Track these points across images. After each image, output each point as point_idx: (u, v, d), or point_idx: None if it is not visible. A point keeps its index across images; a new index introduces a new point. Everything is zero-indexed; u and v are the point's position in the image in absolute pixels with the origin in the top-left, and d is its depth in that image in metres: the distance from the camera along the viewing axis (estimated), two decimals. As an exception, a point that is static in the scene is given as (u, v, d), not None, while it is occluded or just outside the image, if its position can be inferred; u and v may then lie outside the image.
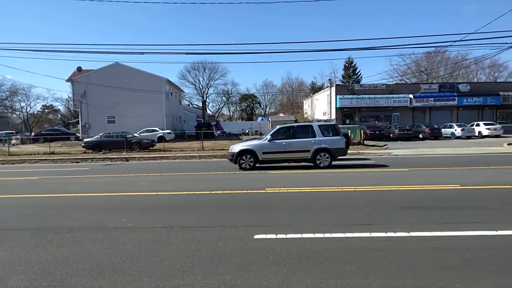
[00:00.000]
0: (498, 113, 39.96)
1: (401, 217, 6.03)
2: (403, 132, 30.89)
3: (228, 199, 7.90)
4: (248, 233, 5.32)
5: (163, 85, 39.31)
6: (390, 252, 4.42)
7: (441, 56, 62.25)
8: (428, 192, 8.21)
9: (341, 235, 5.13)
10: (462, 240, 4.80)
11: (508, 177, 10.03)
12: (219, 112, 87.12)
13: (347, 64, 66.66)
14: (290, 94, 76.54)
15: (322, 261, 4.20)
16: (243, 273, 3.90)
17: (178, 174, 12.76)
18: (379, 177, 10.67)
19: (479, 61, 55.26)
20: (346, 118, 39.48)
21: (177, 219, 6.23)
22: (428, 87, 39.65)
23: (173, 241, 5.05)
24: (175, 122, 45.04)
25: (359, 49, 32.97)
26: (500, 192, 8.04)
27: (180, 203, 7.70)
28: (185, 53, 19.84)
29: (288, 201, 7.60)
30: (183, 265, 4.19)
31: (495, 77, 65.93)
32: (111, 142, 25.16)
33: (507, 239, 4.82)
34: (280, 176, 11.67)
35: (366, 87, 40.11)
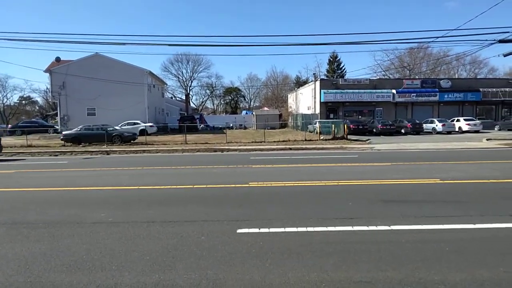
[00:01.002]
0: (478, 109, 40.97)
1: (382, 210, 6.10)
2: (386, 127, 31.34)
3: (211, 193, 7.84)
4: (231, 227, 5.29)
5: (145, 77, 38.66)
6: (372, 245, 4.46)
7: (423, 52, 63.31)
8: (409, 186, 8.35)
9: (324, 228, 5.16)
10: (441, 233, 4.90)
11: (486, 171, 10.30)
12: (203, 105, 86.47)
13: (331, 59, 67.01)
14: (274, 87, 76.53)
15: (305, 254, 4.21)
16: (226, 268, 3.87)
17: (160, 168, 12.60)
18: (362, 172, 10.79)
19: (460, 57, 56.53)
20: (330, 113, 39.75)
21: (159, 214, 6.14)
22: (410, 83, 40.28)
23: (155, 236, 4.98)
24: (157, 115, 44.46)
25: (344, 43, 33.17)
26: (479, 186, 8.24)
27: (162, 197, 7.59)
28: (168, 45, 19.54)
29: (272, 195, 7.59)
30: (165, 260, 4.13)
31: (476, 73, 67.60)
32: (91, 135, 24.63)
33: (484, 232, 4.94)
34: (263, 170, 11.66)
35: (350, 82, 40.42)
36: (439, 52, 62.48)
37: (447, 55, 58.51)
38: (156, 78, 45.80)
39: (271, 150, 19.43)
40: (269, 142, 23.59)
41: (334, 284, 3.47)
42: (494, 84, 41.00)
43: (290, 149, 19.85)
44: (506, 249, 4.27)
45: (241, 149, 19.89)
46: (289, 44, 24.34)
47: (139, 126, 32.45)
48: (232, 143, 23.71)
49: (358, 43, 25.80)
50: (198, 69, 79.25)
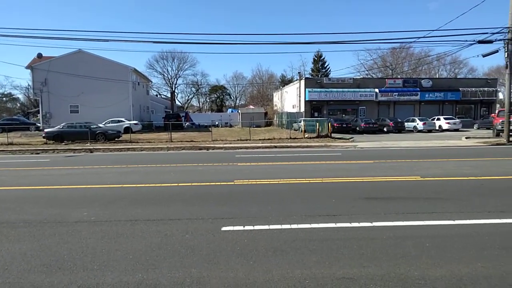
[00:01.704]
0: (458, 108, 42.01)
1: (365, 207, 6.20)
2: (369, 125, 31.81)
3: (196, 191, 7.81)
4: (215, 225, 5.29)
5: (130, 74, 38.13)
6: (354, 242, 4.54)
7: (405, 52, 64.46)
8: (391, 183, 8.50)
9: (308, 225, 5.21)
10: (422, 229, 5.01)
11: (465, 169, 10.57)
12: (188, 103, 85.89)
13: (316, 58, 67.52)
14: (260, 86, 76.59)
15: (289, 251, 4.25)
16: (210, 266, 3.88)
17: (145, 166, 12.48)
18: (345, 169, 10.93)
19: (441, 57, 57.81)
20: (315, 111, 40.07)
21: (143, 212, 6.09)
22: (393, 82, 40.96)
23: (138, 235, 4.94)
24: (142, 113, 43.95)
25: (328, 42, 33.26)
26: (458, 183, 8.46)
27: (146, 195, 7.52)
28: (153, 42, 19.23)
29: (256, 193, 7.62)
30: (148, 259, 4.10)
31: (456, 73, 69.24)
32: (74, 133, 24.18)
33: (463, 228, 5.08)
34: (248, 168, 11.68)
35: (334, 80, 40.84)
36: (420, 52, 63.79)
37: (428, 55, 59.74)
38: (141, 76, 45.23)
39: (256, 148, 19.47)
40: (254, 140, 23.63)
41: (317, 280, 3.52)
42: (473, 83, 42.10)
43: (275, 147, 19.93)
44: (484, 245, 4.40)
45: (226, 147, 19.86)
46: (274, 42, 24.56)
47: (123, 124, 31.99)
48: (217, 141, 23.65)
49: (342, 43, 26.20)
50: (183, 67, 78.62)
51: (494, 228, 5.03)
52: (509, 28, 19.70)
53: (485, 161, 12.54)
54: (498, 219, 5.41)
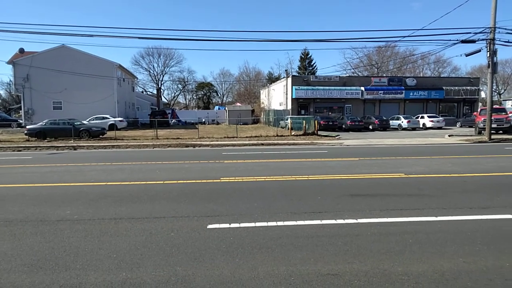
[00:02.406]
0: (441, 106, 42.80)
1: (350, 204, 6.26)
2: (355, 123, 32.10)
3: (182, 189, 7.76)
4: (201, 223, 5.26)
5: (115, 71, 37.57)
6: (339, 238, 4.58)
7: (390, 51, 65.24)
8: (376, 180, 8.61)
9: (293, 223, 5.23)
10: (405, 226, 5.09)
11: (447, 166, 10.77)
12: (174, 100, 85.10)
13: (303, 56, 67.75)
14: (247, 83, 76.49)
15: (275, 248, 4.26)
16: (195, 264, 3.86)
17: (130, 164, 12.32)
18: (331, 166, 11.01)
19: (425, 56, 58.75)
20: (302, 109, 40.24)
21: (127, 210, 6.01)
22: (378, 80, 41.43)
23: (122, 233, 4.88)
24: (127, 110, 43.39)
25: (315, 40, 33.27)
26: (440, 180, 8.62)
27: (131, 193, 7.42)
28: (138, 38, 18.93)
29: (243, 190, 7.61)
30: (132, 257, 4.05)
31: (439, 72, 70.51)
32: (57, 130, 23.70)
33: (445, 224, 5.18)
34: (235, 165, 11.66)
35: (320, 78, 41.06)
36: (405, 51, 64.78)
37: (413, 54, 60.65)
38: (126, 72, 44.61)
39: (243, 146, 19.45)
40: (241, 138, 23.60)
41: (302, 277, 3.54)
42: (456, 82, 42.94)
43: (262, 144, 19.94)
44: (465, 240, 4.50)
45: (213, 145, 19.78)
46: (261, 40, 24.55)
47: (108, 121, 31.51)
48: (204, 138, 23.53)
49: (329, 41, 26.26)
50: (169, 63, 77.87)
51: (475, 224, 5.15)
52: (491, 28, 20.13)
53: (467, 158, 12.80)
54: (479, 216, 5.53)
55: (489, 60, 20.63)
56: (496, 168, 10.30)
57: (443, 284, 3.37)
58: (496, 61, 21.14)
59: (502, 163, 11.32)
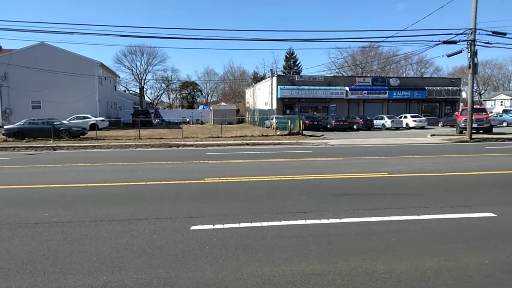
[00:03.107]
0: (424, 106, 43.63)
1: (334, 204, 6.29)
2: (339, 123, 32.40)
3: (165, 190, 7.64)
4: (184, 224, 5.19)
5: (96, 69, 36.87)
6: (323, 238, 4.58)
7: (374, 51, 66.20)
8: (360, 180, 8.68)
9: (278, 223, 5.21)
10: (388, 224, 5.13)
11: (430, 165, 10.96)
12: (158, 100, 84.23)
13: (288, 55, 67.96)
14: (232, 83, 76.32)
15: (259, 249, 4.23)
16: (178, 266, 3.79)
17: (112, 164, 12.10)
18: (316, 166, 11.06)
19: (408, 57, 59.84)
20: (287, 108, 40.37)
21: (108, 212, 5.88)
22: (362, 80, 41.94)
23: (103, 235, 4.76)
24: (109, 109, 42.68)
25: (300, 40, 33.55)
26: (423, 179, 8.75)
27: (112, 195, 7.27)
28: (121, 35, 18.65)
29: (227, 190, 7.55)
30: (113, 260, 3.96)
31: (422, 72, 71.95)
32: (36, 130, 23.08)
33: (427, 222, 5.25)
34: (219, 165, 11.59)
35: (305, 78, 41.28)
36: (389, 51, 65.82)
37: (396, 54, 61.71)
38: (108, 70, 43.87)
39: (228, 146, 19.36)
40: (226, 138, 23.50)
41: (286, 277, 3.52)
42: (438, 83, 43.86)
43: (247, 144, 19.90)
44: (447, 238, 4.56)
45: (197, 145, 19.62)
46: (246, 39, 24.45)
47: (89, 120, 30.91)
48: (188, 138, 23.33)
49: (314, 41, 26.40)
50: (153, 62, 77.03)
51: (456, 222, 5.23)
52: (472, 29, 20.61)
53: (449, 158, 13.06)
54: (460, 214, 5.62)
55: (470, 61, 21.11)
56: (477, 167, 10.53)
57: (424, 282, 3.40)
58: (477, 62, 21.67)
59: (482, 162, 11.58)
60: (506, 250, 4.16)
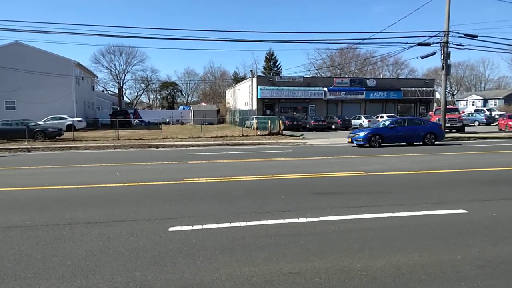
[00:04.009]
0: (399, 107, 44.62)
1: (313, 203, 6.36)
2: (318, 123, 32.77)
3: (143, 191, 7.54)
4: (162, 225, 5.14)
5: (73, 69, 35.96)
6: (301, 237, 4.63)
7: (352, 53, 67.30)
8: (337, 178, 8.81)
9: (257, 222, 5.23)
10: (364, 222, 5.24)
11: (404, 164, 11.24)
12: (137, 100, 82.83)
13: (268, 56, 68.18)
14: (212, 83, 75.92)
15: (237, 249, 4.24)
16: (155, 268, 3.75)
17: (89, 166, 11.83)
18: (295, 166, 11.15)
19: (384, 58, 61.14)
20: (267, 109, 40.49)
21: (84, 215, 5.75)
22: (340, 81, 42.52)
23: (78, 239, 4.66)
24: (87, 110, 41.71)
25: (280, 41, 34.04)
26: (398, 177, 8.97)
27: (88, 197, 7.12)
28: (98, 35, 18.25)
29: (206, 191, 7.52)
30: (88, 264, 3.88)
31: (398, 74, 73.58)
32: (10, 131, 22.33)
33: (402, 220, 5.38)
34: (199, 166, 11.53)
35: (285, 79, 41.52)
36: (366, 53, 67.05)
37: (373, 56, 63.00)
38: (85, 70, 42.85)
39: (208, 146, 19.27)
40: (206, 138, 23.37)
41: (264, 276, 3.54)
42: (413, 84, 44.95)
43: (227, 144, 19.86)
44: (420, 235, 4.69)
45: (177, 145, 19.44)
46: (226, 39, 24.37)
47: (65, 121, 30.10)
48: (168, 139, 23.08)
49: (293, 42, 26.74)
50: (132, 62, 75.63)
51: (429, 219, 5.38)
52: (445, 32, 21.24)
53: (422, 156, 13.41)
54: (433, 211, 5.80)
55: (443, 63, 21.76)
56: (449, 165, 10.86)
57: (399, 278, 3.49)
58: (450, 64, 22.36)
59: (455, 161, 11.96)
60: (476, 246, 4.31)
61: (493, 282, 3.38)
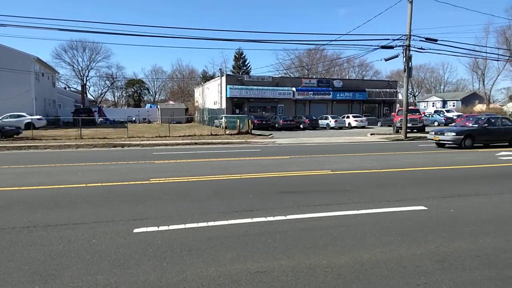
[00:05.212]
0: (364, 107, 46.03)
1: (280, 201, 6.42)
2: (287, 122, 33.16)
3: (107, 192, 7.31)
4: (127, 227, 5.00)
5: (32, 64, 34.25)
6: (269, 236, 4.66)
7: (320, 54, 68.61)
8: (305, 177, 8.95)
9: (225, 222, 5.21)
10: (330, 220, 5.35)
11: (368, 162, 11.59)
12: (102, 98, 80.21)
13: (237, 55, 68.22)
14: (181, 81, 74.81)
15: (204, 250, 4.20)
16: (118, 271, 3.64)
17: (49, 166, 11.31)
18: (264, 165, 11.21)
19: (350, 60, 62.69)
20: (236, 108, 40.46)
21: (43, 217, 5.50)
22: (308, 82, 43.27)
23: (37, 242, 4.44)
24: (47, 107, 39.89)
25: (249, 41, 34.15)
26: (362, 176, 9.24)
27: (48, 198, 6.80)
28: (59, 29, 17.37)
29: (173, 191, 7.41)
30: (47, 268, 3.71)
31: (363, 75, 75.76)
32: (-38, 129, 20.97)
33: (365, 217, 5.54)
34: (166, 166, 11.33)
35: (254, 78, 41.67)
36: (333, 54, 68.58)
37: (340, 57, 64.47)
38: (45, 66, 40.94)
39: (176, 145, 18.98)
40: (174, 137, 23.00)
41: (231, 276, 3.53)
42: (377, 85, 46.54)
43: (196, 144, 19.65)
44: (382, 232, 4.85)
45: (143, 144, 18.99)
46: (195, 37, 24.05)
47: (24, 119, 28.58)
48: (134, 138, 22.50)
49: (262, 41, 26.82)
50: (96, 58, 73.11)
51: (391, 216, 5.58)
52: (407, 35, 22.08)
53: (386, 155, 13.89)
54: (395, 208, 6.01)
55: (405, 65, 22.62)
56: (410, 163, 11.31)
57: (362, 273, 3.60)
58: (411, 66, 23.29)
59: (415, 159, 12.47)
60: (435, 241, 4.51)
61: (451, 276, 3.55)
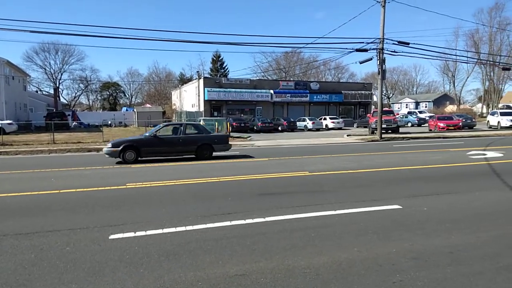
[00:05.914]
0: (341, 109, 46.84)
1: (259, 203, 6.43)
2: (265, 124, 33.35)
3: (81, 198, 7.11)
4: (102, 233, 4.88)
5: (2, 67, 33.05)
6: (248, 238, 4.66)
7: (297, 57, 69.37)
8: (283, 179, 9.01)
9: (203, 226, 5.17)
10: (308, 221, 5.39)
11: (345, 163, 11.78)
12: (76, 101, 78.04)
13: (215, 58, 67.92)
14: (157, 84, 73.82)
15: (182, 254, 4.15)
16: (93, 279, 3.55)
17: (19, 172, 10.91)
18: (242, 167, 11.21)
19: (326, 63, 63.66)
20: (215, 111, 40.33)
21: (13, 225, 5.29)
22: (286, 84, 43.65)
23: (7, 251, 4.27)
24: (18, 111, 38.53)
25: (226, 43, 34.15)
26: (339, 176, 9.38)
27: (18, 205, 6.56)
28: (30, 31, 16.81)
29: (150, 195, 7.30)
30: (18, 278, 3.57)
31: (339, 78, 77.05)
32: None
33: (343, 217, 5.63)
34: (143, 170, 11.14)
35: (232, 81, 41.68)
36: (309, 57, 69.46)
37: (316, 60, 65.31)
38: (16, 69, 39.55)
39: (152, 149, 18.65)
40: (151, 141, 22.60)
41: (210, 281, 3.50)
42: (353, 87, 47.48)
43: (173, 147, 19.38)
44: (359, 231, 4.93)
45: (119, 149, 18.57)
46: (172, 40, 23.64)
47: (-7, 124, 27.48)
48: (109, 142, 21.97)
49: (240, 44, 26.90)
50: (69, 61, 70.99)
51: (367, 215, 5.69)
52: (380, 39, 22.62)
53: (361, 156, 14.16)
54: (370, 207, 6.13)
55: (379, 68, 23.15)
56: (385, 163, 11.57)
57: (340, 273, 3.65)
58: (385, 69, 23.87)
59: (390, 159, 12.77)
60: (410, 239, 4.62)
61: (425, 273, 3.64)
